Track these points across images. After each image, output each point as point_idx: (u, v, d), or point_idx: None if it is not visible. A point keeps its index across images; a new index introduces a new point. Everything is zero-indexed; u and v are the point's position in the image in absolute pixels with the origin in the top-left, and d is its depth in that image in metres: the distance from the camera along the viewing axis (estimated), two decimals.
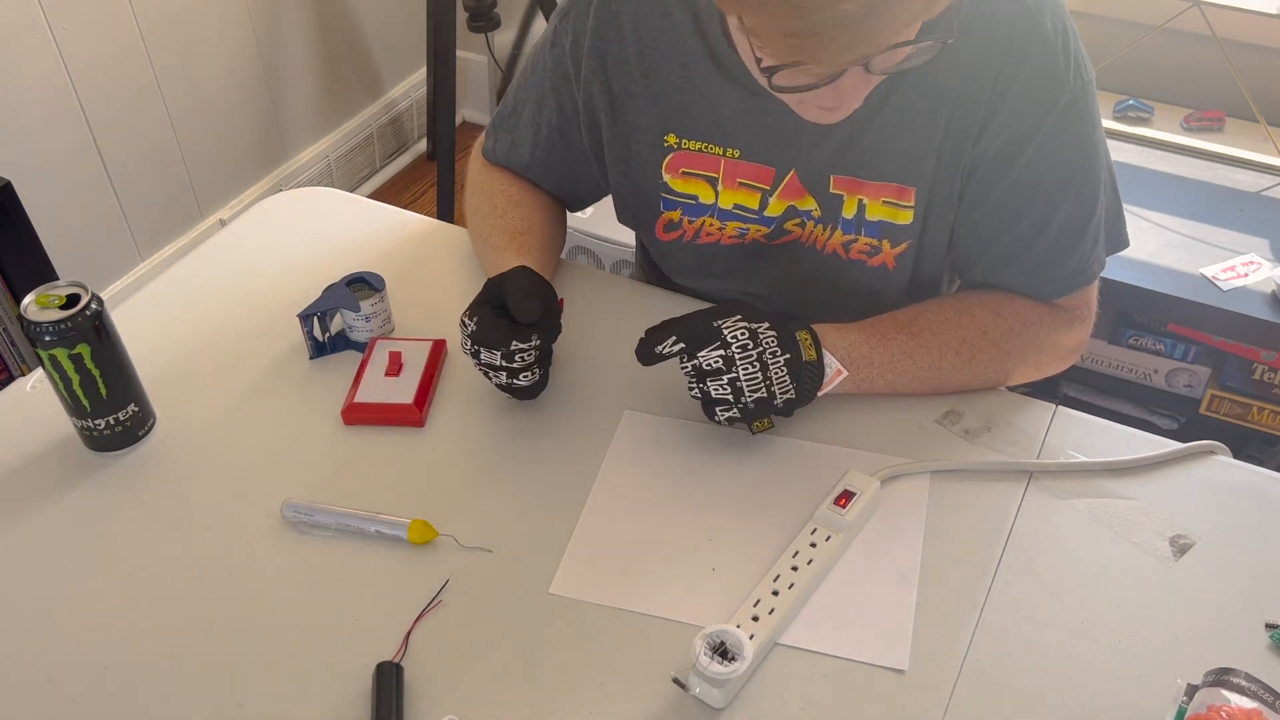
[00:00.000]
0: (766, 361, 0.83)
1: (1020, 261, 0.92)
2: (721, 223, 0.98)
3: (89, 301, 0.83)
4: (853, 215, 0.94)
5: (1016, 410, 0.93)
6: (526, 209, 1.03)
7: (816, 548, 0.79)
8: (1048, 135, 0.86)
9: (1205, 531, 0.83)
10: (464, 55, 2.67)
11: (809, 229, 0.96)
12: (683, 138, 0.95)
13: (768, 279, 1.02)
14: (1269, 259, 1.66)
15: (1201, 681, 0.71)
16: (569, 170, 1.05)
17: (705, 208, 0.98)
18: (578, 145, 1.02)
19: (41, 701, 0.72)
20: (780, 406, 0.84)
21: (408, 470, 0.88)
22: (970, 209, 0.91)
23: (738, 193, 0.96)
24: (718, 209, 0.97)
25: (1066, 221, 0.90)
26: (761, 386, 0.83)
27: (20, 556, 0.82)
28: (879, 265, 0.96)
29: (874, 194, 0.92)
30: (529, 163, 1.06)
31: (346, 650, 0.75)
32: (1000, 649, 0.75)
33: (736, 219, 0.97)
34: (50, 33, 1.80)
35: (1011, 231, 0.91)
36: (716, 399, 0.84)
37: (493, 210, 1.03)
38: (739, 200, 0.96)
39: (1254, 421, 1.72)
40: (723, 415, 0.85)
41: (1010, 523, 0.84)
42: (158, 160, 2.09)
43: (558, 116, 1.01)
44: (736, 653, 0.69)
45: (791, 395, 0.84)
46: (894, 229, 0.93)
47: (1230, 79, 1.84)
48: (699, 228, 0.99)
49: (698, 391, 0.85)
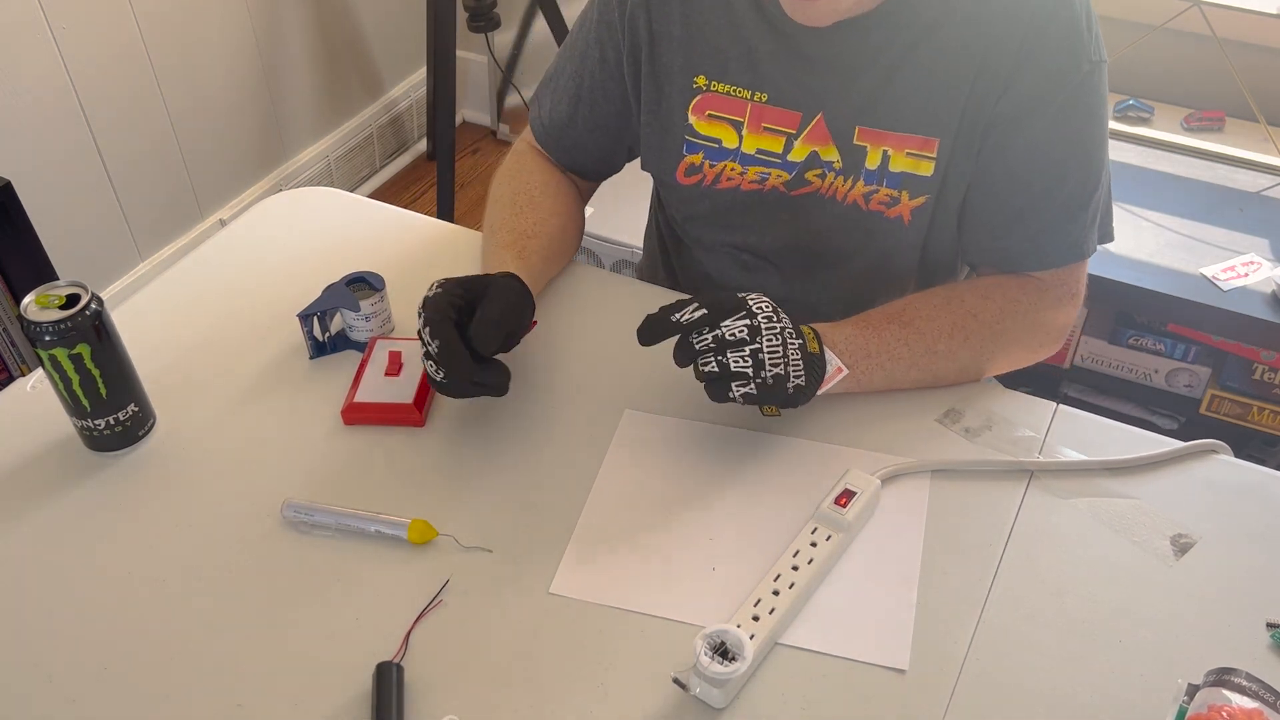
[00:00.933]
0: (787, 340, 0.83)
1: (1028, 224, 0.94)
2: (743, 167, 1.00)
3: (89, 301, 0.83)
4: (877, 166, 0.96)
5: (1017, 409, 0.93)
6: (544, 213, 1.04)
7: (817, 547, 0.79)
8: (1066, 102, 0.89)
9: (1206, 531, 0.83)
10: (464, 55, 2.67)
11: (829, 180, 0.98)
12: (712, 79, 0.97)
13: (784, 231, 1.02)
14: (1269, 259, 1.66)
15: (1202, 681, 0.71)
16: (607, 127, 1.06)
17: (728, 152, 0.99)
18: (617, 97, 1.04)
19: (41, 701, 0.72)
20: (791, 393, 0.83)
21: (408, 470, 0.88)
22: (987, 165, 0.94)
23: (762, 137, 0.98)
24: (740, 153, 0.99)
25: (1074, 189, 0.93)
26: (782, 363, 0.82)
27: (20, 556, 0.82)
28: (896, 217, 0.97)
29: (898, 145, 0.94)
30: (568, 120, 1.07)
31: (346, 650, 0.75)
32: (1000, 649, 0.75)
33: (759, 164, 0.99)
34: (50, 33, 1.80)
35: (1024, 192, 0.93)
36: (736, 372, 0.81)
37: (511, 205, 1.04)
38: (763, 145, 0.98)
39: (1254, 421, 1.71)
40: (738, 390, 0.81)
41: (1011, 522, 0.84)
42: (158, 160, 2.09)
43: (600, 68, 1.03)
44: (737, 653, 0.69)
45: (802, 382, 0.83)
46: (915, 180, 0.95)
47: (1230, 79, 1.84)
48: (720, 172, 1.01)
49: (714, 364, 0.82)
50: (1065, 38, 0.88)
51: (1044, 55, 0.88)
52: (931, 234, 0.99)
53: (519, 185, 1.07)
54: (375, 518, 0.82)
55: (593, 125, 1.07)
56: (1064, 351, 1.80)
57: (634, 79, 1.02)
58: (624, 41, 1.00)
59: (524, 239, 1.00)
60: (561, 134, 1.09)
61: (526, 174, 1.09)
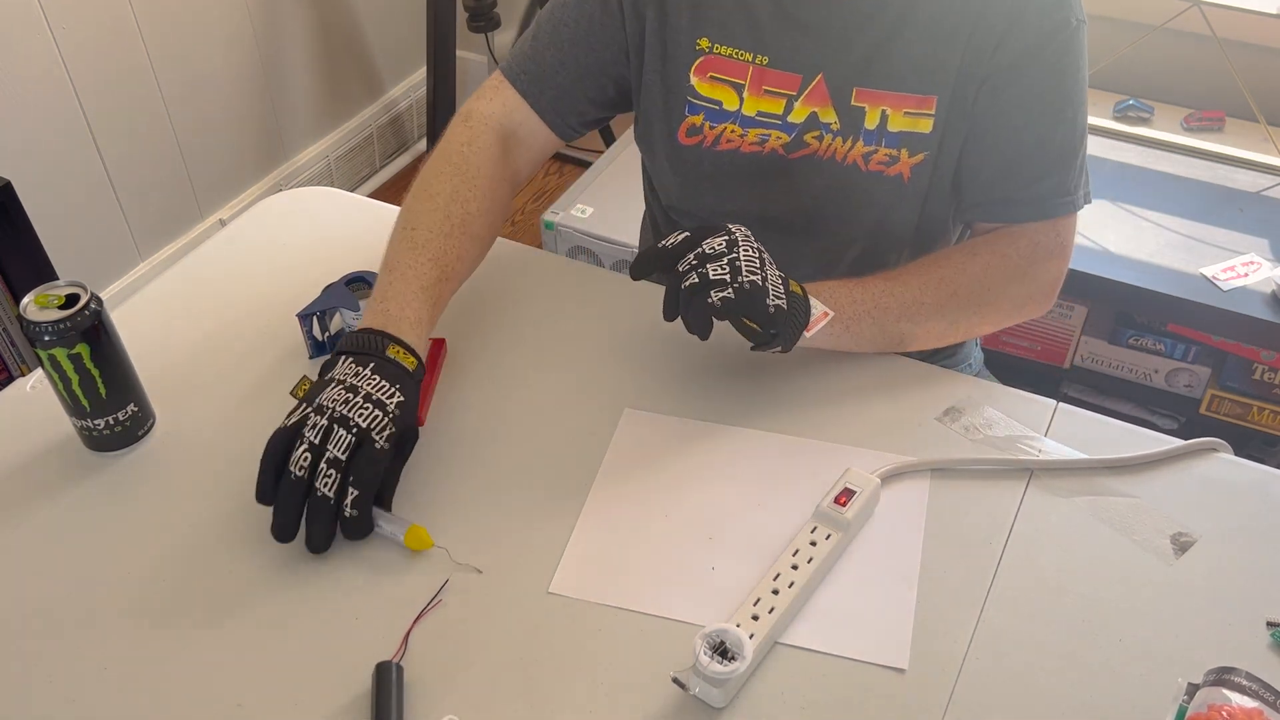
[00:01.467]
0: (766, 260, 0.85)
1: (1022, 173, 0.97)
2: (744, 129, 1.00)
3: (88, 301, 0.83)
4: (875, 126, 0.97)
5: (1017, 408, 0.93)
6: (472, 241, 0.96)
7: (816, 546, 0.79)
8: (1056, 53, 0.93)
9: (1206, 529, 0.83)
10: (464, 55, 2.67)
11: (827, 142, 0.99)
12: (715, 42, 0.98)
13: (784, 193, 1.03)
14: (1269, 259, 1.66)
15: (1202, 680, 0.71)
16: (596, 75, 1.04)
17: (729, 114, 1.00)
18: (616, 45, 1.02)
19: (41, 701, 0.72)
20: (772, 311, 0.83)
21: (407, 470, 0.88)
22: (981, 118, 0.96)
23: (763, 100, 0.99)
24: (741, 115, 1.00)
25: (1065, 139, 0.96)
26: (759, 273, 0.83)
27: (20, 556, 0.82)
28: (895, 175, 0.99)
29: (896, 104, 0.96)
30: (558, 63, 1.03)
31: (346, 650, 0.74)
32: (1000, 648, 0.75)
33: (759, 125, 1.00)
34: (50, 33, 1.80)
35: (1017, 142, 0.96)
36: (713, 280, 0.82)
37: (444, 216, 0.94)
38: (763, 107, 0.99)
39: (1254, 421, 1.71)
40: (716, 296, 0.81)
41: (1011, 521, 0.84)
42: (158, 160, 2.09)
43: (602, 11, 1.01)
44: (736, 652, 0.69)
45: (783, 304, 0.84)
46: (914, 138, 0.97)
47: (1230, 79, 1.84)
48: (720, 134, 1.01)
49: (694, 277, 0.82)
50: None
51: (1035, 11, 0.92)
52: (931, 193, 1.00)
53: (460, 189, 0.97)
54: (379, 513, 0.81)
55: (583, 71, 1.03)
56: (1064, 351, 1.80)
57: (638, 34, 1.01)
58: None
59: (443, 277, 0.91)
60: (549, 77, 1.04)
61: (472, 174, 0.99)
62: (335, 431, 0.77)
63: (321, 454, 0.77)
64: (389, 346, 0.82)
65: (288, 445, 0.78)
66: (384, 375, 0.81)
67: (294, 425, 0.78)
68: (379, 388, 0.80)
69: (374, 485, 0.78)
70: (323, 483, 0.76)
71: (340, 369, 0.81)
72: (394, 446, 0.80)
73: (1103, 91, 1.98)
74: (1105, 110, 1.94)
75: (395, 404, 0.80)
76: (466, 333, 1.00)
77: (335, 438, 0.77)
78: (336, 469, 0.77)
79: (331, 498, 0.77)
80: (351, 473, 0.77)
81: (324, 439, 0.77)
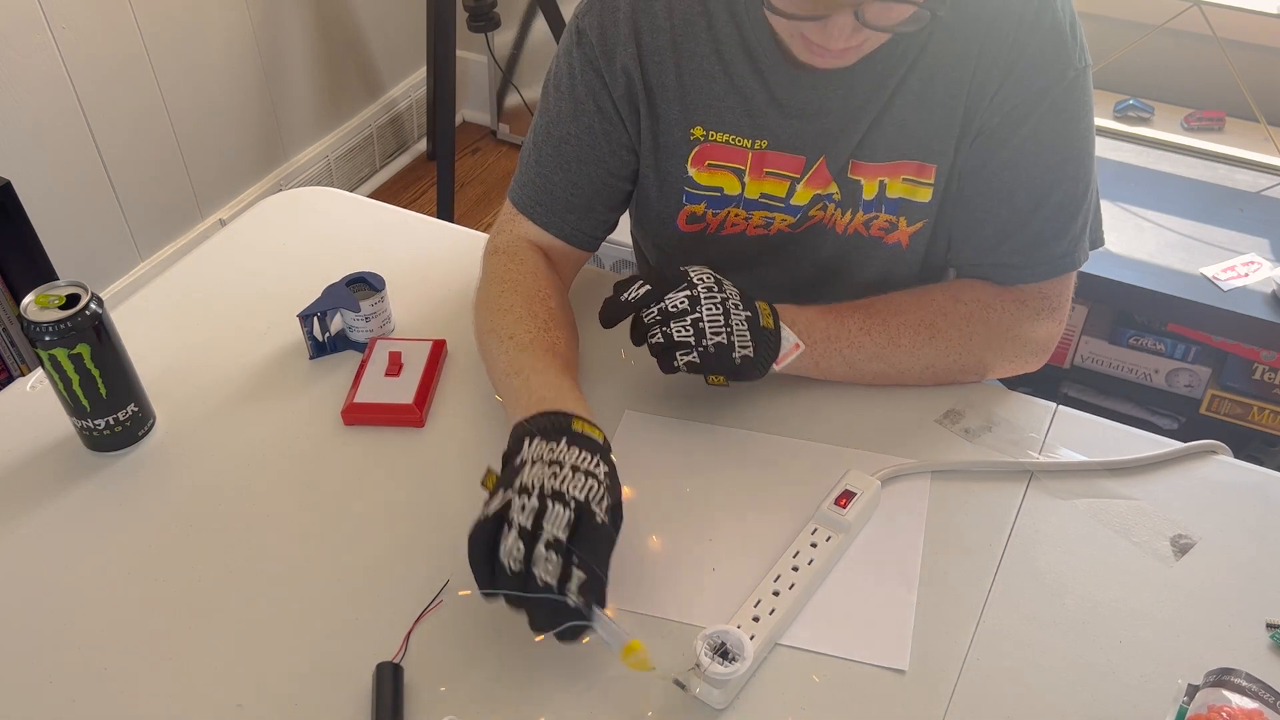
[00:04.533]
0: (729, 309, 0.84)
1: (1017, 237, 0.92)
2: (748, 213, 0.98)
3: (89, 301, 0.83)
4: (874, 196, 0.95)
5: (1017, 410, 0.93)
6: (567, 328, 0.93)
7: (817, 548, 0.79)
8: (1050, 109, 0.88)
9: (1206, 531, 0.83)
10: (464, 55, 2.67)
11: (830, 211, 0.97)
12: (710, 129, 0.95)
13: (789, 263, 1.02)
14: (1269, 259, 1.66)
15: (1202, 681, 0.71)
16: (612, 184, 0.98)
17: (730, 199, 0.98)
18: (623, 147, 0.97)
19: (41, 701, 0.72)
20: (738, 363, 0.83)
21: (408, 470, 0.88)
22: (971, 178, 0.92)
23: (765, 182, 0.96)
24: (744, 199, 0.98)
25: (1063, 199, 0.91)
26: (723, 332, 0.83)
27: (20, 556, 0.82)
28: (894, 242, 0.97)
29: (893, 173, 0.93)
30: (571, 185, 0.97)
31: (346, 650, 0.74)
32: (1000, 649, 0.75)
33: (763, 208, 0.98)
34: (50, 33, 1.80)
35: (1010, 203, 0.92)
36: (678, 341, 0.83)
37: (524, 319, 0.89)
38: (766, 190, 0.97)
39: (1254, 421, 1.71)
40: (682, 360, 0.83)
41: (1011, 523, 0.84)
42: (158, 160, 2.09)
43: (599, 121, 0.95)
44: (737, 653, 0.69)
45: (750, 353, 0.83)
46: (912, 206, 0.95)
47: (1230, 79, 1.84)
48: (724, 219, 0.99)
49: (660, 336, 0.83)
50: (1049, 45, 0.86)
51: (1027, 65, 0.87)
52: (929, 256, 0.99)
53: (531, 294, 0.92)
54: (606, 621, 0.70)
55: (598, 186, 0.97)
56: (1064, 351, 1.80)
57: (634, 128, 0.96)
58: (620, 90, 0.93)
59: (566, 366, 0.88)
60: (564, 202, 0.97)
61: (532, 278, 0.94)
62: (551, 508, 0.68)
63: (536, 538, 0.68)
64: (573, 421, 0.76)
65: (493, 536, 0.69)
66: (582, 447, 0.73)
67: (495, 514, 0.69)
68: (582, 459, 0.72)
69: (604, 565, 0.69)
70: (545, 569, 0.67)
71: (532, 449, 0.73)
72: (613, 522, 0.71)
73: (1103, 91, 1.98)
74: (1105, 110, 1.94)
75: (604, 472, 0.72)
76: (467, 333, 1.00)
77: (551, 515, 0.68)
78: (558, 551, 0.67)
79: (555, 585, 0.67)
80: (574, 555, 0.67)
81: (536, 520, 0.68)
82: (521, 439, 0.75)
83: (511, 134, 2.81)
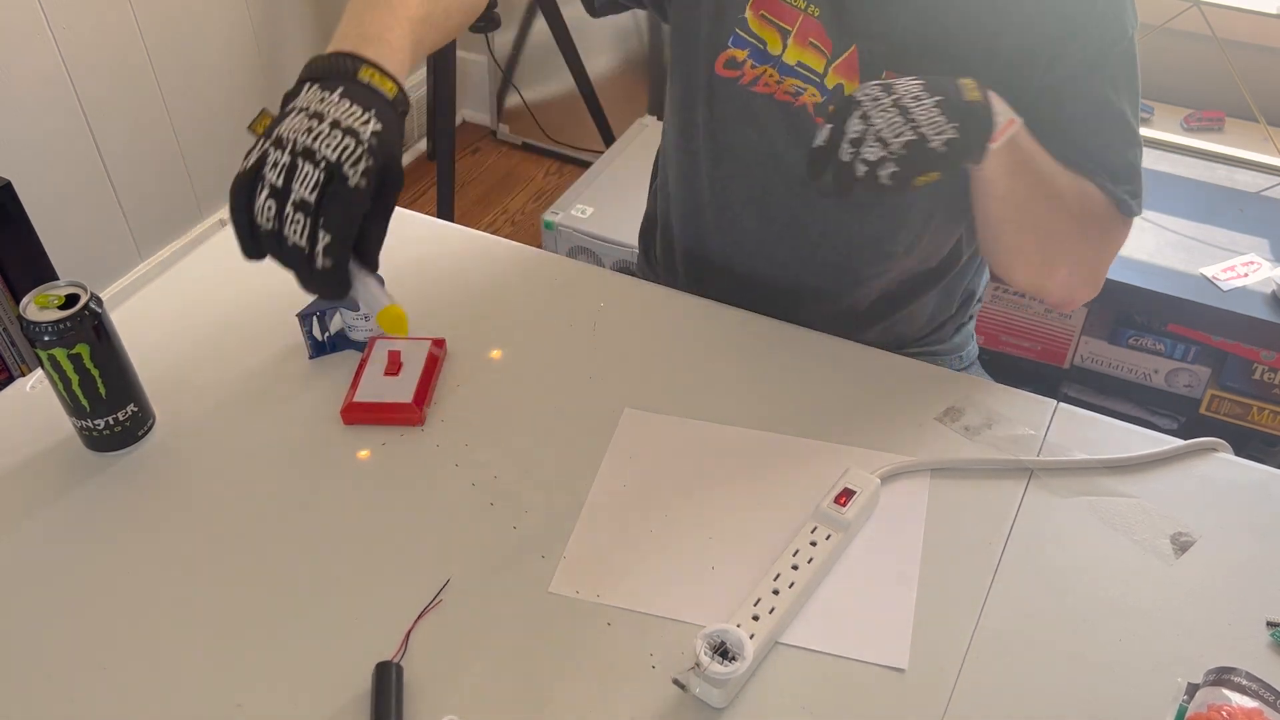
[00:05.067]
0: (906, 105, 0.80)
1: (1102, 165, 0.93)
2: (781, 77, 0.98)
3: (88, 301, 0.83)
4: None
5: (1017, 408, 0.93)
6: None
7: (816, 546, 0.79)
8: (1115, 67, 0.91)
9: (1206, 529, 0.83)
10: (464, 55, 2.67)
11: None
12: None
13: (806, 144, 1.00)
14: (1269, 259, 1.66)
15: (1202, 680, 0.71)
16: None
17: (770, 57, 0.98)
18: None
19: (41, 701, 0.72)
20: (943, 150, 0.80)
21: (407, 470, 0.88)
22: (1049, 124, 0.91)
23: (806, 51, 0.96)
24: (782, 62, 0.98)
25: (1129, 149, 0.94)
26: (906, 130, 0.79)
27: (20, 556, 0.82)
28: None
29: None
30: None
31: (346, 650, 0.74)
32: (1000, 648, 0.75)
33: (798, 76, 0.98)
34: (50, 33, 1.80)
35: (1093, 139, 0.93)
36: (875, 160, 0.79)
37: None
38: (804, 59, 0.97)
39: (1254, 422, 1.71)
40: (885, 175, 0.80)
41: (1011, 521, 0.84)
42: (158, 160, 2.09)
43: None
44: (737, 652, 0.69)
45: (954, 134, 0.80)
46: None
47: (1230, 79, 1.84)
48: (759, 75, 0.99)
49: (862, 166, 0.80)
50: (1111, 6, 0.89)
51: (1096, 21, 0.89)
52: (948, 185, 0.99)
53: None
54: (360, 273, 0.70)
55: None
56: (1064, 351, 1.80)
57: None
58: None
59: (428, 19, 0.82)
60: None
61: None
62: (300, 168, 0.65)
63: (286, 196, 0.65)
64: (361, 69, 0.70)
65: (250, 191, 0.66)
66: (356, 100, 0.68)
67: (252, 167, 0.66)
68: (349, 113, 0.67)
69: (349, 230, 0.66)
70: (292, 229, 0.65)
71: (303, 96, 0.69)
72: (372, 185, 0.67)
73: None
74: None
75: (371, 132, 0.67)
76: (466, 333, 1.00)
77: (300, 175, 0.65)
78: (305, 212, 0.65)
79: (304, 246, 0.65)
80: (321, 215, 0.65)
81: (287, 178, 0.65)
82: (303, 82, 0.70)
83: (511, 134, 2.81)
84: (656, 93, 2.59)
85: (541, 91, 2.71)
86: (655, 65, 2.54)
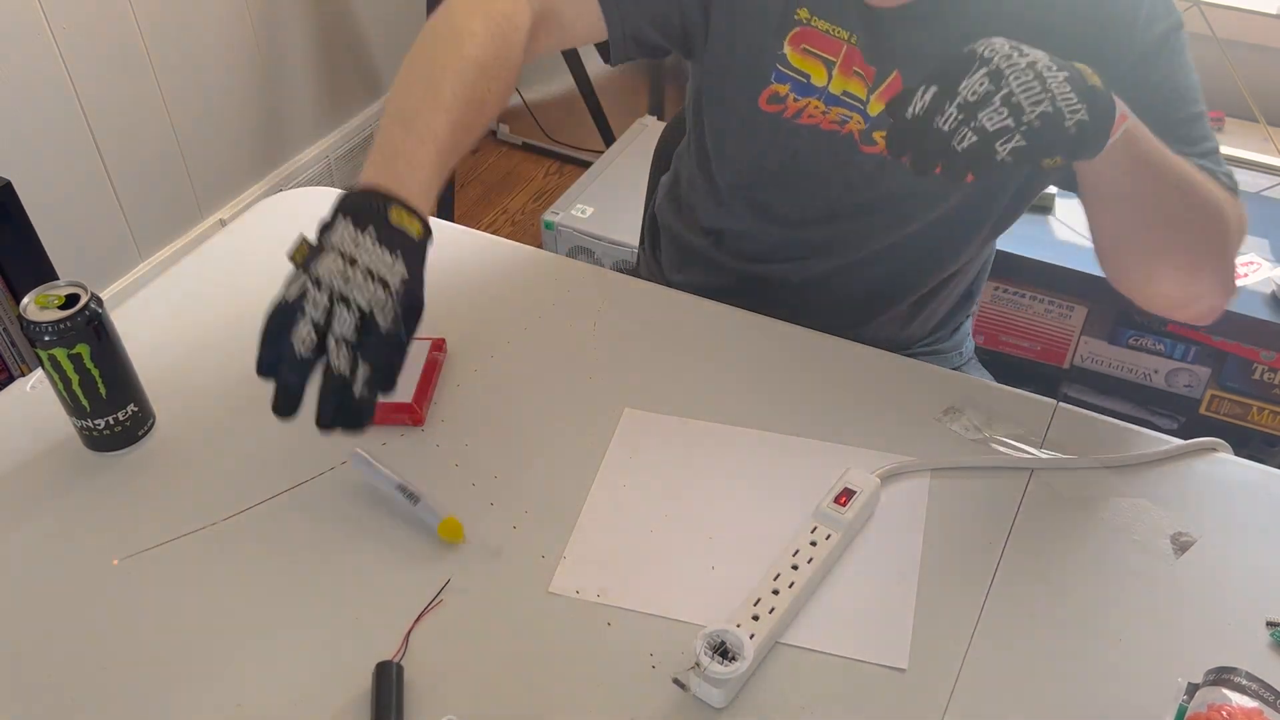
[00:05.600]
0: (1042, 72, 0.70)
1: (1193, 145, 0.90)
2: (826, 107, 0.98)
3: (88, 301, 0.83)
4: None
5: (1017, 407, 0.93)
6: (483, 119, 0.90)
7: (816, 546, 0.79)
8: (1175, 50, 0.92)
9: (1206, 529, 0.83)
10: None
11: None
12: (814, 14, 0.95)
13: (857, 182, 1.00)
14: (1269, 259, 1.66)
15: (1202, 680, 0.71)
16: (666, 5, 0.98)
17: (815, 89, 0.97)
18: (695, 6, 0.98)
19: (41, 701, 0.72)
20: (1074, 132, 0.70)
21: (407, 470, 0.88)
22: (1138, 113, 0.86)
23: (850, 80, 0.96)
24: (827, 93, 0.97)
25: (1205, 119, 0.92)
26: (1044, 99, 0.69)
27: (20, 556, 0.82)
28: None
29: None
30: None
31: (346, 650, 0.74)
32: (1000, 648, 0.75)
33: (843, 105, 0.97)
34: (50, 33, 1.80)
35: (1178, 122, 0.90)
36: (995, 130, 0.69)
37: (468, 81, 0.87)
38: (849, 88, 0.96)
39: (1254, 421, 1.72)
40: (1004, 150, 0.69)
41: (1011, 520, 0.84)
42: (158, 160, 2.09)
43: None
44: (737, 652, 0.69)
45: (1084, 116, 0.70)
46: None
47: (1230, 79, 1.84)
48: (803, 108, 0.99)
49: (972, 136, 0.69)
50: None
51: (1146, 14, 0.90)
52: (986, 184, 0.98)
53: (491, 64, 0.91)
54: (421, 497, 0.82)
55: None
56: (1064, 351, 1.80)
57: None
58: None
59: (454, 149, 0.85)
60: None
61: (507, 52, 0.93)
62: (338, 313, 0.71)
63: (327, 332, 0.71)
64: (391, 210, 0.75)
65: (288, 317, 0.71)
66: (385, 243, 0.73)
67: (295, 301, 0.72)
68: (380, 260, 0.72)
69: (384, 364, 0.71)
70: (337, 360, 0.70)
71: (337, 233, 0.74)
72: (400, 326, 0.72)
73: None
74: None
75: (399, 280, 0.72)
76: (466, 333, 1.00)
77: (339, 319, 0.70)
78: (348, 348, 0.70)
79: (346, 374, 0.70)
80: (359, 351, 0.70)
81: (327, 317, 0.71)
82: (337, 213, 0.76)
83: (511, 134, 2.81)
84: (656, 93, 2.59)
85: (542, 91, 2.71)
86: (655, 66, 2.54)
